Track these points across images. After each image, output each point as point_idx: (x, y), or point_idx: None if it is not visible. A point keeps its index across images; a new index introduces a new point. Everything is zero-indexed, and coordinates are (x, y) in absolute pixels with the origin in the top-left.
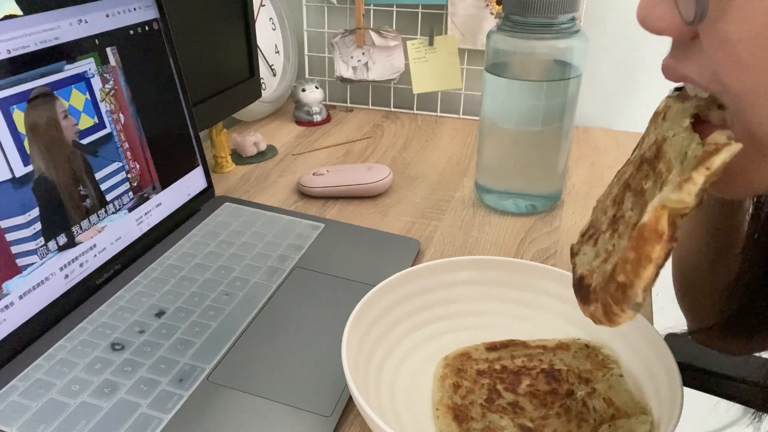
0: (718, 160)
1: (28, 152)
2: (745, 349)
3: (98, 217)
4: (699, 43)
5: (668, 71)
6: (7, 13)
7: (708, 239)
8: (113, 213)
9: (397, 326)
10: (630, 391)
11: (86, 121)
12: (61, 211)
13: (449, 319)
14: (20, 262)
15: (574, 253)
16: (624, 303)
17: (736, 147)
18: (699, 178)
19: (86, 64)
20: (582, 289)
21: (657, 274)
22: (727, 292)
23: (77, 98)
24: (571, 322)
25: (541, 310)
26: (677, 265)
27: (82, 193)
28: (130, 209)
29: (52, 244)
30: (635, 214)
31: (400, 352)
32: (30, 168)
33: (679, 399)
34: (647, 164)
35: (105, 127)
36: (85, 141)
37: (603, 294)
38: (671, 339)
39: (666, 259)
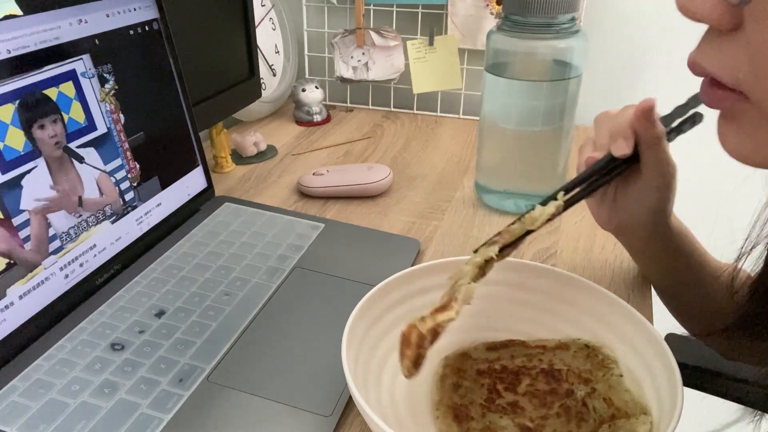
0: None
1: (22, 151)
2: (746, 356)
3: (97, 216)
4: (736, 34)
5: (694, 67)
6: (7, 13)
7: (673, 273)
8: (113, 212)
9: (397, 326)
10: (630, 391)
11: (86, 120)
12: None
13: None
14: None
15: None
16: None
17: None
18: (431, 321)
19: (86, 64)
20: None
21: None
22: (731, 299)
23: (74, 98)
24: (571, 322)
25: (541, 311)
26: (660, 294)
27: (79, 192)
28: (131, 209)
29: (51, 244)
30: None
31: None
32: (29, 166)
33: (679, 399)
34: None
35: (105, 127)
36: (83, 140)
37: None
38: (671, 339)
39: (418, 359)
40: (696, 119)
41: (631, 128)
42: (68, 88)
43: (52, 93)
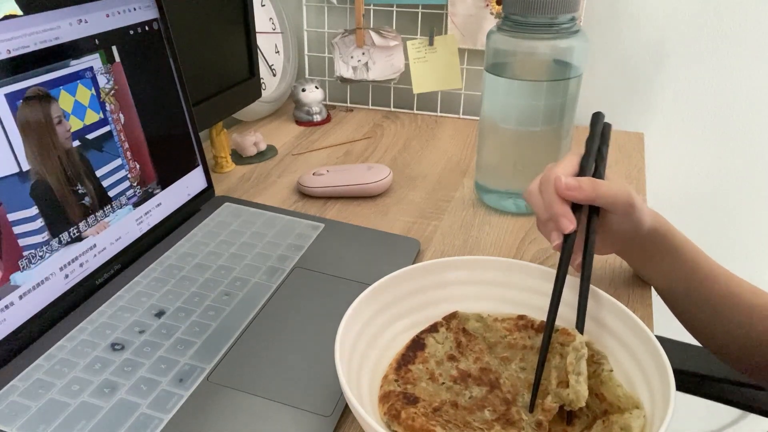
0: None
1: (24, 150)
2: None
3: (103, 213)
4: None
5: None
6: (7, 13)
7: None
8: (117, 210)
9: (392, 326)
10: (622, 386)
11: (87, 120)
12: (60, 208)
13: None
14: (27, 254)
15: None
16: None
17: None
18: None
19: (85, 65)
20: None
21: None
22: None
23: (75, 98)
24: (563, 320)
25: (534, 309)
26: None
27: (80, 190)
28: (135, 205)
29: (56, 240)
30: None
31: (393, 352)
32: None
33: (671, 392)
34: None
35: (105, 128)
36: (84, 140)
37: None
38: (667, 344)
39: None
40: (605, 132)
41: (564, 205)
42: (69, 88)
43: (53, 93)
